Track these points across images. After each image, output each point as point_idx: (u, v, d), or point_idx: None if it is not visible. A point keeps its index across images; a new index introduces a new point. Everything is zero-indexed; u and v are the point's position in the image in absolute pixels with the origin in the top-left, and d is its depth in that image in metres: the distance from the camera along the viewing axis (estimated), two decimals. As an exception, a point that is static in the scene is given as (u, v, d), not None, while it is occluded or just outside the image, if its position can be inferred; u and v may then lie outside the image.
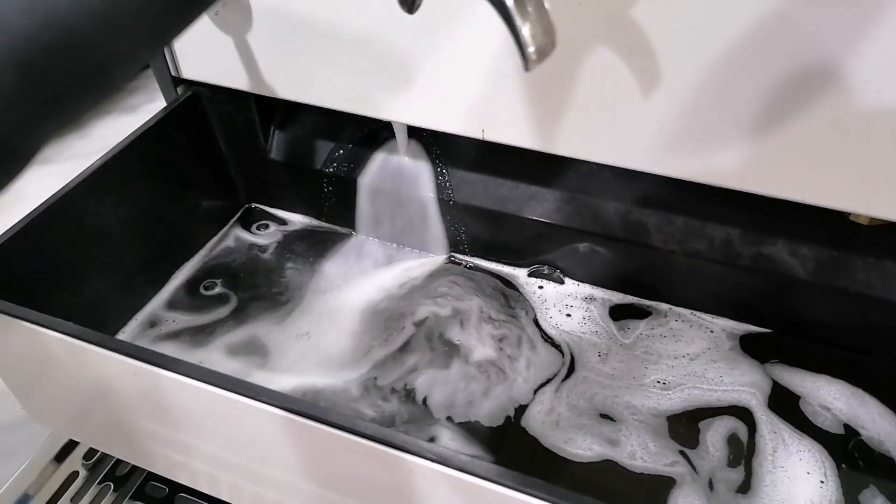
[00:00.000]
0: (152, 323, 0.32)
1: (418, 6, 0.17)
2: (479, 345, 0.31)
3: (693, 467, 0.26)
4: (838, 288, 0.27)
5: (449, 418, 0.28)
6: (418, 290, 0.33)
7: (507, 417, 0.28)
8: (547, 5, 0.16)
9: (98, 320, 0.31)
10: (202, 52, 0.32)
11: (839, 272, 0.27)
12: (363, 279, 0.35)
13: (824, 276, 0.27)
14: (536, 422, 0.28)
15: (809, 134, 0.23)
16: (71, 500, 0.29)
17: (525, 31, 0.15)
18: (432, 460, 0.19)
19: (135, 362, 0.22)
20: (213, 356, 0.31)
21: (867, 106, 0.22)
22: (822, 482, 0.26)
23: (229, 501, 0.27)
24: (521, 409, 0.28)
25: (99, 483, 0.30)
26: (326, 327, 0.32)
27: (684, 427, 0.27)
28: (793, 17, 0.21)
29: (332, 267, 0.35)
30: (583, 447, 0.27)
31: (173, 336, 0.32)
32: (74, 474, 0.30)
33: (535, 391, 0.29)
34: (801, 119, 0.23)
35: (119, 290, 0.32)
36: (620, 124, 0.25)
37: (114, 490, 0.29)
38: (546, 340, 0.31)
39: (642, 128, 0.25)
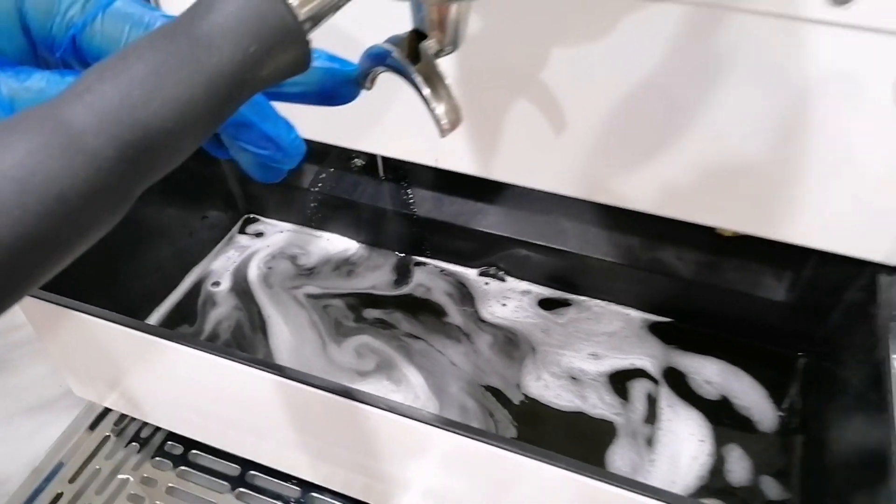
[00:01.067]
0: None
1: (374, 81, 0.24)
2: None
3: (626, 419, 0.34)
4: (712, 285, 0.34)
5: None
6: (388, 283, 0.41)
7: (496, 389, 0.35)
8: (455, 88, 0.23)
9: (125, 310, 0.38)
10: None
11: (713, 272, 0.34)
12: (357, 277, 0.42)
13: (702, 276, 0.34)
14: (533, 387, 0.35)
15: (683, 169, 0.30)
16: (105, 459, 0.36)
17: (439, 111, 0.22)
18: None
19: (157, 339, 0.29)
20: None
21: (721, 148, 0.29)
22: (701, 441, 0.33)
23: (233, 452, 0.34)
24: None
25: (126, 445, 0.37)
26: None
27: (617, 388, 0.35)
28: (667, 89, 0.28)
29: (320, 262, 0.43)
30: (565, 400, 0.34)
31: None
32: (106, 438, 0.37)
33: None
34: (677, 158, 0.30)
35: (144, 284, 0.39)
36: (543, 157, 0.32)
37: (138, 451, 0.36)
38: (482, 322, 0.38)
39: (560, 161, 0.32)
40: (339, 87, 0.24)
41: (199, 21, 0.17)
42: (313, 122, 0.36)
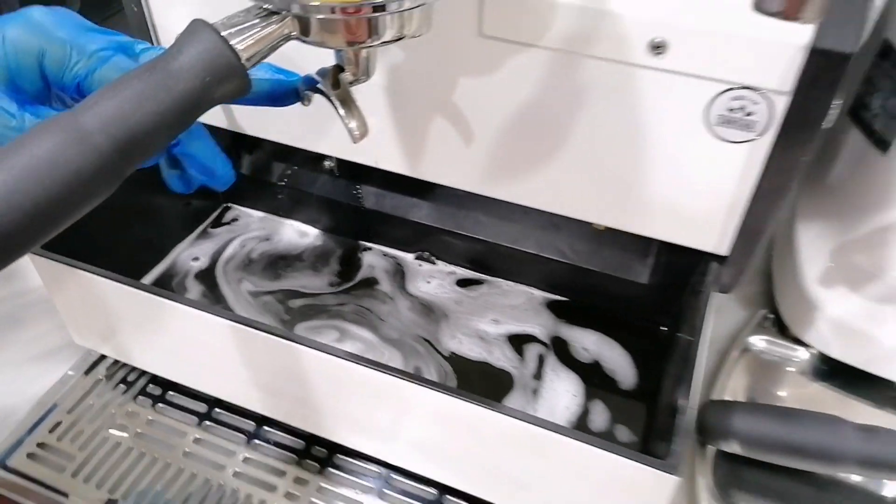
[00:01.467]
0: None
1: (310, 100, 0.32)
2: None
3: (521, 373, 0.42)
4: (593, 270, 0.42)
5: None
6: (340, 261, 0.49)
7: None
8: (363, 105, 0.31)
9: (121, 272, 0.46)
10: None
11: (594, 259, 0.42)
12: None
13: (585, 262, 0.42)
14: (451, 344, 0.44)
15: (562, 174, 0.38)
16: (97, 397, 0.44)
17: (351, 125, 0.30)
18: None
19: (147, 294, 0.36)
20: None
21: (588, 158, 0.37)
22: (574, 395, 0.41)
23: (201, 390, 0.42)
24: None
25: (114, 387, 0.44)
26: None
27: (516, 346, 0.43)
28: (547, 110, 0.36)
29: (286, 241, 0.51)
30: (475, 353, 0.43)
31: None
32: (98, 381, 0.45)
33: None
34: (556, 165, 0.37)
35: (137, 254, 0.47)
36: (458, 161, 0.40)
37: (124, 392, 0.44)
38: (410, 295, 0.47)
39: (471, 165, 0.40)
40: (283, 94, 0.33)
41: (172, 60, 0.25)
42: (283, 128, 0.44)
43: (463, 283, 0.47)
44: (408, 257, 0.49)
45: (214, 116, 0.46)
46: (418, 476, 0.39)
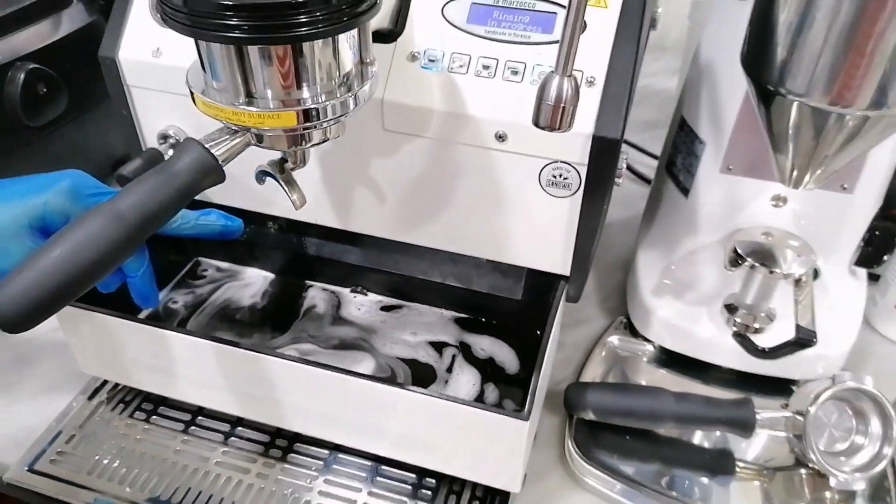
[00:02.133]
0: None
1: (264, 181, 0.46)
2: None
3: (439, 368, 0.55)
4: (485, 292, 0.57)
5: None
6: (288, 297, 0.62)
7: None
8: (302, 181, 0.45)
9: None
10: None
11: (484, 283, 0.57)
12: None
13: (478, 286, 0.57)
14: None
15: (452, 223, 0.52)
16: (101, 415, 0.55)
17: (293, 198, 0.44)
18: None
19: (150, 328, 0.49)
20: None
21: (468, 211, 0.51)
22: (473, 383, 0.55)
23: (185, 401, 0.54)
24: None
25: (114, 408, 0.56)
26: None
27: (436, 350, 0.57)
28: (435, 178, 0.50)
29: (245, 283, 0.63)
30: (405, 353, 0.56)
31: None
32: (101, 402, 0.56)
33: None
34: (446, 217, 0.52)
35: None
36: (376, 216, 0.54)
37: (122, 410, 0.56)
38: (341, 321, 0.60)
39: (386, 218, 0.54)
40: (228, 232, 0.47)
41: (174, 164, 0.38)
42: (244, 197, 0.57)
43: (387, 308, 0.61)
44: (345, 291, 0.63)
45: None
46: (359, 452, 0.52)
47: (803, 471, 0.53)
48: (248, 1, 0.34)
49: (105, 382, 0.57)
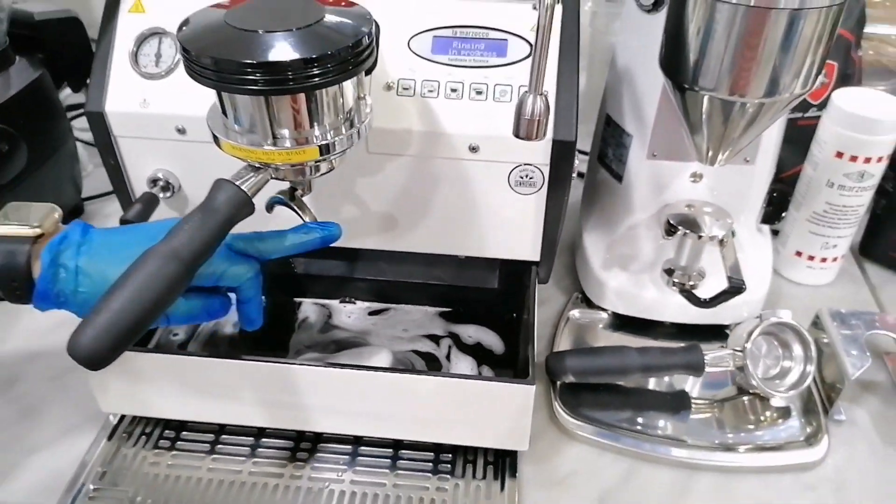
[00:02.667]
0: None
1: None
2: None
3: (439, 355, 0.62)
4: (464, 286, 0.64)
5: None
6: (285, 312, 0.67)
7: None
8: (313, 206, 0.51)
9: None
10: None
11: (462, 278, 0.64)
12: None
13: (456, 281, 0.64)
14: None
15: (430, 227, 0.59)
16: (125, 450, 0.58)
17: (307, 218, 0.50)
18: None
19: (175, 357, 0.53)
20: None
21: (445, 216, 0.59)
22: (472, 369, 0.62)
23: (207, 421, 0.58)
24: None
25: (135, 443, 0.59)
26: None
27: (433, 341, 0.63)
28: (414, 189, 0.57)
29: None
30: (406, 347, 0.62)
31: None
32: (123, 437, 0.59)
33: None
34: (425, 223, 0.59)
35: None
36: (361, 229, 0.60)
37: (145, 443, 0.59)
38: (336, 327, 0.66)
39: (370, 229, 0.60)
40: (329, 238, 0.52)
41: (212, 202, 0.43)
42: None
43: (375, 312, 0.68)
44: (334, 303, 0.68)
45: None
46: (379, 442, 0.58)
47: (745, 398, 0.64)
48: (269, 59, 0.40)
49: (122, 419, 0.60)
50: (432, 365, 0.63)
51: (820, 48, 0.49)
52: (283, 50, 0.40)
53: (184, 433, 0.59)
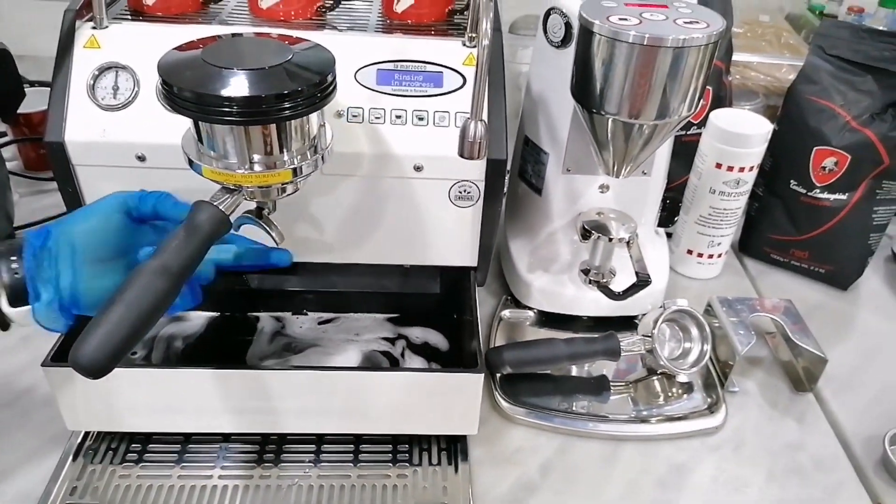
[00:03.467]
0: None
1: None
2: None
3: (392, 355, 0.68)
4: (410, 292, 0.71)
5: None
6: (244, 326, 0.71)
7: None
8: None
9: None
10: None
11: (408, 285, 0.71)
12: (210, 336, 0.71)
13: (405, 288, 0.71)
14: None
15: (381, 240, 0.65)
16: (92, 466, 0.60)
17: (274, 234, 0.55)
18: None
19: (148, 370, 0.55)
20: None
21: (393, 231, 0.65)
22: (428, 364, 0.69)
23: (173, 431, 0.61)
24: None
25: (102, 459, 0.61)
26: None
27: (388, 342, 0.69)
28: (370, 206, 0.63)
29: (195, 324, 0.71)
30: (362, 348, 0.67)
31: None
32: (89, 452, 0.61)
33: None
34: (377, 237, 0.65)
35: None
36: (316, 243, 0.65)
37: (112, 459, 0.61)
38: (289, 336, 0.70)
39: (323, 243, 0.65)
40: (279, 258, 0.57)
41: (194, 220, 0.48)
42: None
43: (325, 322, 0.73)
44: (287, 315, 0.73)
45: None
46: (340, 438, 0.63)
47: (654, 378, 0.74)
48: (245, 94, 0.45)
49: (86, 436, 0.62)
50: (392, 362, 0.69)
51: (701, 77, 0.60)
52: (260, 85, 0.45)
53: (150, 445, 0.62)
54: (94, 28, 0.61)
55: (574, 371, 0.74)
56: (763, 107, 1.05)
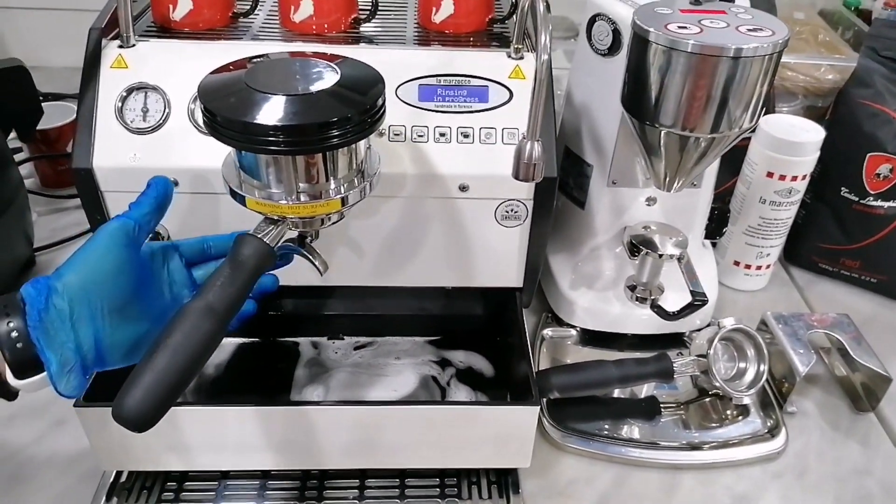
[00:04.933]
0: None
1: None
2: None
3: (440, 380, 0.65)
4: (453, 314, 0.67)
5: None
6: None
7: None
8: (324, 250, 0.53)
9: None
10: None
11: (452, 307, 0.68)
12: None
13: (447, 310, 0.67)
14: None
15: (421, 262, 0.62)
16: (125, 508, 0.57)
17: (317, 262, 0.52)
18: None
19: (189, 408, 0.53)
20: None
21: (434, 251, 0.62)
22: (474, 392, 0.65)
23: (210, 469, 0.58)
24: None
25: (138, 496, 0.58)
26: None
27: (430, 367, 0.66)
28: (409, 228, 0.60)
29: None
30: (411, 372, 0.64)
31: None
32: (123, 492, 0.58)
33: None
34: (416, 259, 0.62)
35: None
36: (357, 266, 0.62)
37: (147, 499, 0.58)
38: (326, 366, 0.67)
39: (363, 267, 0.62)
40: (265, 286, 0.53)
41: (239, 256, 0.45)
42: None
43: (361, 346, 0.70)
44: (322, 340, 0.70)
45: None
46: (384, 473, 0.60)
47: (707, 399, 0.70)
48: (293, 122, 0.42)
49: (118, 476, 0.59)
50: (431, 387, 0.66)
51: (765, 88, 0.56)
52: (308, 113, 0.42)
53: (186, 483, 0.59)
54: (120, 46, 0.58)
55: (619, 392, 0.71)
56: (803, 108, 1.01)
